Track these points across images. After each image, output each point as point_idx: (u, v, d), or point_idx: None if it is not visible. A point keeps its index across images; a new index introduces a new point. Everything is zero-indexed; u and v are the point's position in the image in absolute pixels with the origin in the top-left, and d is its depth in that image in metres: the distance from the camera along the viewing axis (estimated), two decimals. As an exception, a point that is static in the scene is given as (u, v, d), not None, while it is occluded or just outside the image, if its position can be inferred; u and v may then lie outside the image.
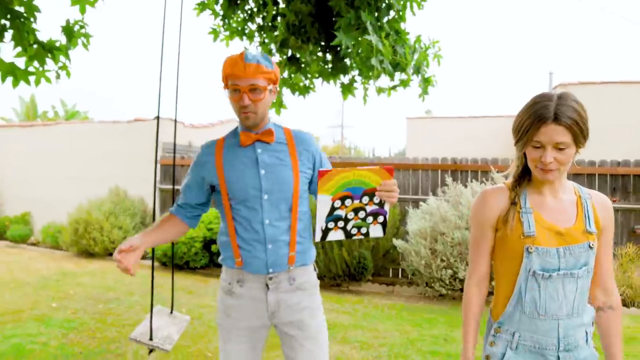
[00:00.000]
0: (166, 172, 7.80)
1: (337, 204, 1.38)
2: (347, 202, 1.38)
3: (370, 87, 3.33)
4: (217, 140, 1.70)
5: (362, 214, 1.41)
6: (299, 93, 3.29)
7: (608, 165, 6.03)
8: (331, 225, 1.41)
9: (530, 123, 1.23)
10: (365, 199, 1.39)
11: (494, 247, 1.40)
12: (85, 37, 2.50)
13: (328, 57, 3.21)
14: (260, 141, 1.62)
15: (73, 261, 6.93)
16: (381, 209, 1.42)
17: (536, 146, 1.25)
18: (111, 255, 7.11)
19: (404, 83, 3.04)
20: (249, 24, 3.33)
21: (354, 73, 3.26)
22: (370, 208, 1.40)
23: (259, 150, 1.62)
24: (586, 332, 1.33)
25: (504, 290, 1.34)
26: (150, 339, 1.79)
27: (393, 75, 2.69)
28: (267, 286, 1.60)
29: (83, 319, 4.12)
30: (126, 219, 7.33)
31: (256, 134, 1.62)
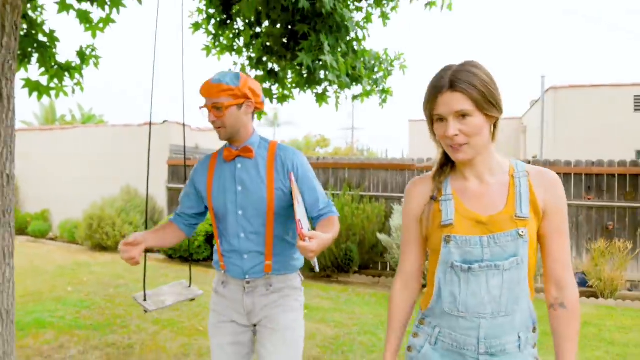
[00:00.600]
0: (174, 173, 8.38)
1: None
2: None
3: (341, 96, 3.83)
4: (212, 154, 1.78)
5: None
6: (278, 101, 3.80)
7: (583, 165, 6.39)
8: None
9: (428, 97, 1.14)
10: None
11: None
12: (95, 58, 3.05)
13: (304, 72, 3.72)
14: (241, 156, 1.68)
15: (87, 254, 7.54)
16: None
17: (439, 120, 1.13)
18: (122, 248, 7.72)
19: (366, 93, 3.54)
20: (237, 41, 3.86)
21: (326, 84, 3.76)
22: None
23: (239, 165, 1.68)
24: (519, 337, 1.14)
25: (431, 283, 1.23)
26: (144, 300, 2.18)
27: (350, 86, 3.19)
28: (245, 289, 1.69)
29: (94, 300, 4.69)
30: (136, 216, 7.93)
31: (237, 150, 1.68)
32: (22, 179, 9.68)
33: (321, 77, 3.69)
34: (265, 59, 3.28)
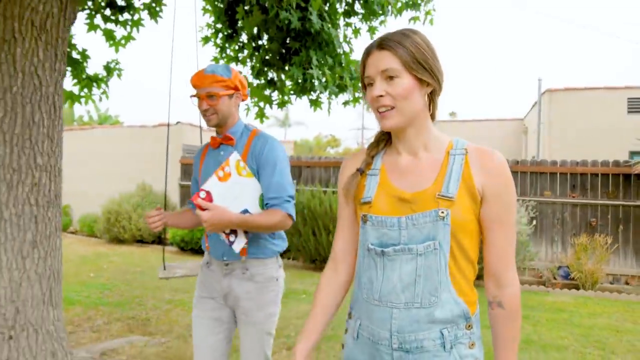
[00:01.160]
0: (186, 171, 8.94)
1: None
2: None
3: (333, 102, 4.32)
4: (206, 143, 1.92)
5: None
6: (278, 106, 4.30)
7: (568, 165, 6.76)
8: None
9: (360, 61, 1.08)
10: None
11: None
12: (118, 70, 3.57)
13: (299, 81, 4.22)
14: (224, 144, 1.81)
15: (106, 246, 8.12)
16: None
17: (369, 83, 1.06)
18: (138, 241, 8.30)
19: (356, 100, 4.02)
20: (242, 53, 4.36)
21: (318, 92, 4.25)
22: None
23: (222, 152, 1.80)
24: (442, 334, 1.01)
25: None
26: (164, 269, 2.65)
27: (337, 94, 3.68)
28: (224, 270, 1.79)
29: (114, 283, 5.24)
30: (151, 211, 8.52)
31: (220, 138, 1.81)
32: (45, 176, 10.28)
33: (314, 86, 4.19)
34: (265, 70, 3.78)
